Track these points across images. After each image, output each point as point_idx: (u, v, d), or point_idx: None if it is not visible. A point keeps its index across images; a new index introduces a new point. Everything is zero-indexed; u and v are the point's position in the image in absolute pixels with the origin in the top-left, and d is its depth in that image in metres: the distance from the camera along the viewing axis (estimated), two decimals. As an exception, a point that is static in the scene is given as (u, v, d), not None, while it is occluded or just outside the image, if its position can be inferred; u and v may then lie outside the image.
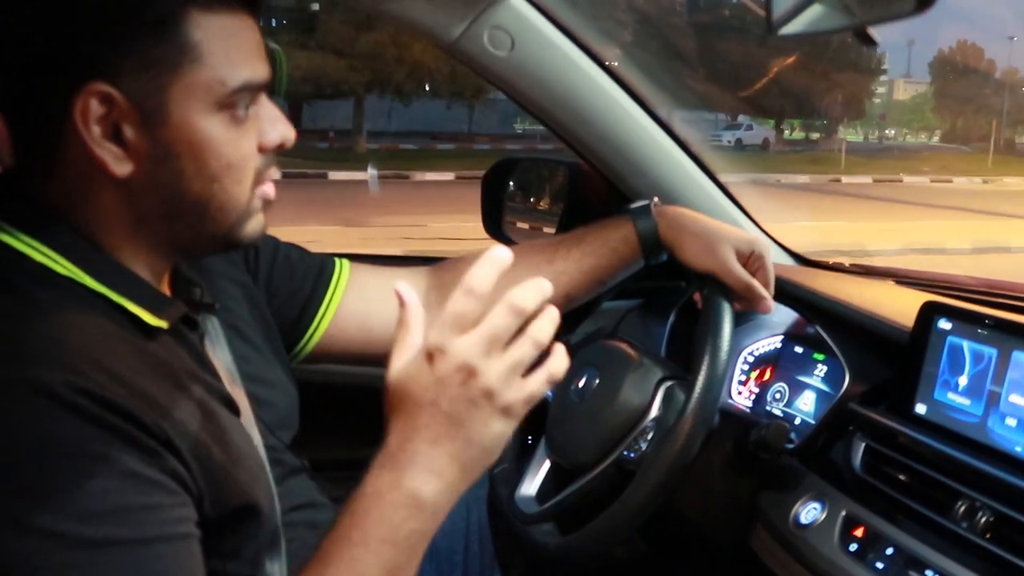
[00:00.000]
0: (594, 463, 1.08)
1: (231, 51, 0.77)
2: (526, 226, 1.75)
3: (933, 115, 55.61)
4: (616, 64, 1.32)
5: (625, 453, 1.07)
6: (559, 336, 1.29)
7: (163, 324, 0.78)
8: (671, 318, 1.46)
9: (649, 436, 1.06)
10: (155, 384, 0.73)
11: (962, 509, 0.89)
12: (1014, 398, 0.91)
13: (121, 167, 0.75)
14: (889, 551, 0.93)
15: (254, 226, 0.85)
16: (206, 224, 0.81)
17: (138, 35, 0.73)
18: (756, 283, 1.10)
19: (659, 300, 1.64)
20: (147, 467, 0.68)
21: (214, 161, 0.78)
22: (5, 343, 0.68)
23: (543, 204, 1.78)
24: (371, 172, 15.91)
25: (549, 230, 1.68)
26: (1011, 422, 0.91)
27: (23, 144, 0.77)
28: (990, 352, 0.94)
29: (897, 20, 0.65)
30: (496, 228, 1.74)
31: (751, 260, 1.11)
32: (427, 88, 23.65)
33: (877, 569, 0.93)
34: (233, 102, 0.78)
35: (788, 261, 1.54)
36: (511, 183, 1.76)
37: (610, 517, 1.02)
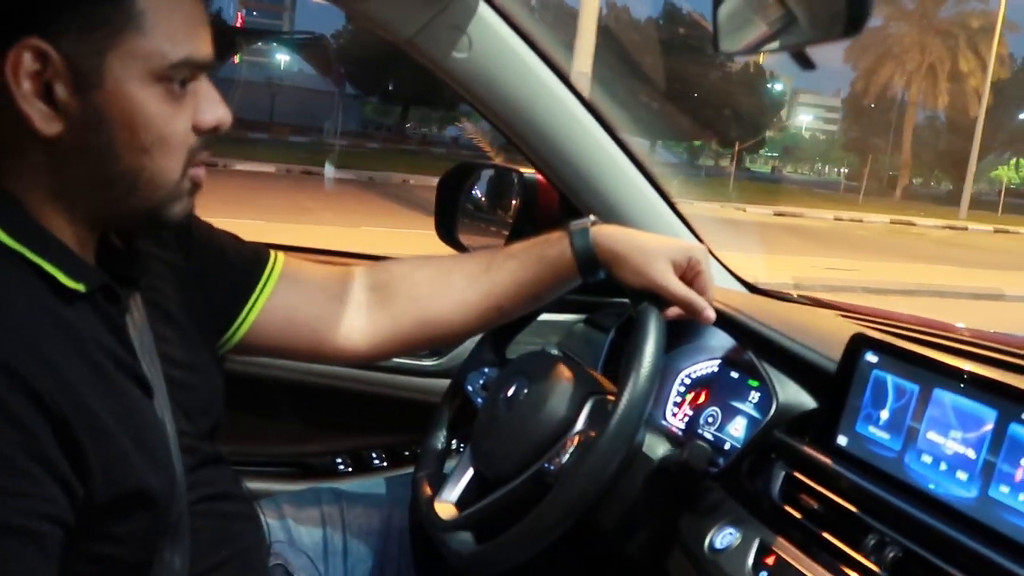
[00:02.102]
0: (515, 474, 1.07)
1: (175, 25, 0.76)
2: (479, 233, 1.74)
3: (843, 152, 56.78)
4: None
5: (545, 466, 1.05)
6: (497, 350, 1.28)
7: (79, 287, 0.76)
8: (611, 334, 1.46)
9: (571, 450, 1.05)
10: (62, 351, 0.71)
11: (872, 543, 0.89)
12: (931, 435, 0.91)
13: (49, 126, 0.74)
14: (797, 581, 0.92)
15: (181, 208, 0.84)
16: (133, 198, 0.79)
17: None
18: (694, 295, 1.08)
19: (603, 315, 1.64)
20: (17, 451, 0.66)
21: (145, 133, 0.77)
22: None
23: (497, 212, 1.77)
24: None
25: (500, 239, 1.68)
26: (927, 459, 0.90)
27: None
28: (912, 388, 0.93)
29: (830, 42, 0.66)
30: (449, 233, 1.73)
31: (689, 268, 1.09)
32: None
33: (784, 599, 0.92)
34: (171, 76, 0.77)
35: (737, 287, 1.54)
36: (467, 189, 1.75)
37: (524, 529, 1.00)
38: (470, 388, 1.26)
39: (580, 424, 1.06)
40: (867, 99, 44.49)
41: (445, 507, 1.13)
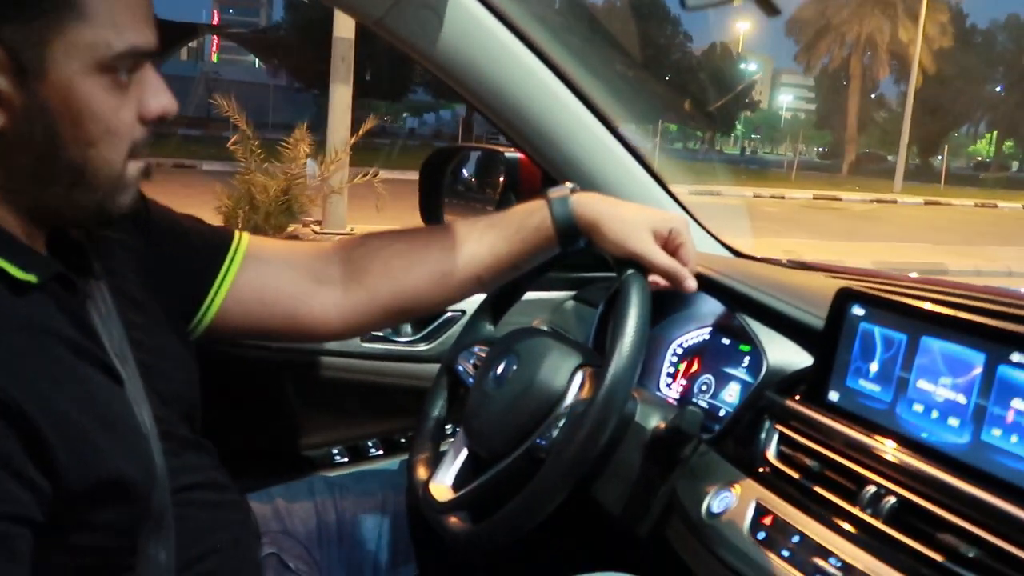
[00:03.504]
0: (508, 451, 1.06)
1: (118, 13, 0.75)
2: (466, 214, 1.73)
3: (816, 132, 56.71)
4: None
5: (538, 441, 1.04)
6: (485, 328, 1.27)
7: (31, 279, 0.75)
8: (600, 308, 1.45)
9: (561, 423, 1.04)
10: (17, 347, 0.70)
11: (868, 495, 0.88)
12: (922, 384, 0.90)
13: None
14: (795, 539, 0.91)
15: (126, 198, 0.83)
16: (78, 190, 0.78)
17: None
18: (676, 264, 1.06)
19: (592, 291, 1.63)
20: None
21: (91, 124, 0.76)
22: None
23: (486, 191, 1.76)
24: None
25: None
26: (918, 408, 0.90)
27: None
28: (900, 338, 0.93)
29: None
30: (434, 216, 1.72)
31: (670, 239, 1.08)
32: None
33: (784, 557, 0.91)
34: (115, 66, 0.75)
35: (723, 253, 1.53)
36: (450, 171, 1.74)
37: (519, 505, 0.99)
38: (461, 369, 1.25)
39: (570, 396, 1.05)
40: (811, 73, 44.19)
41: (441, 489, 1.12)
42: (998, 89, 44.57)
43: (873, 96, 50.05)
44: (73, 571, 0.77)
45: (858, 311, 0.98)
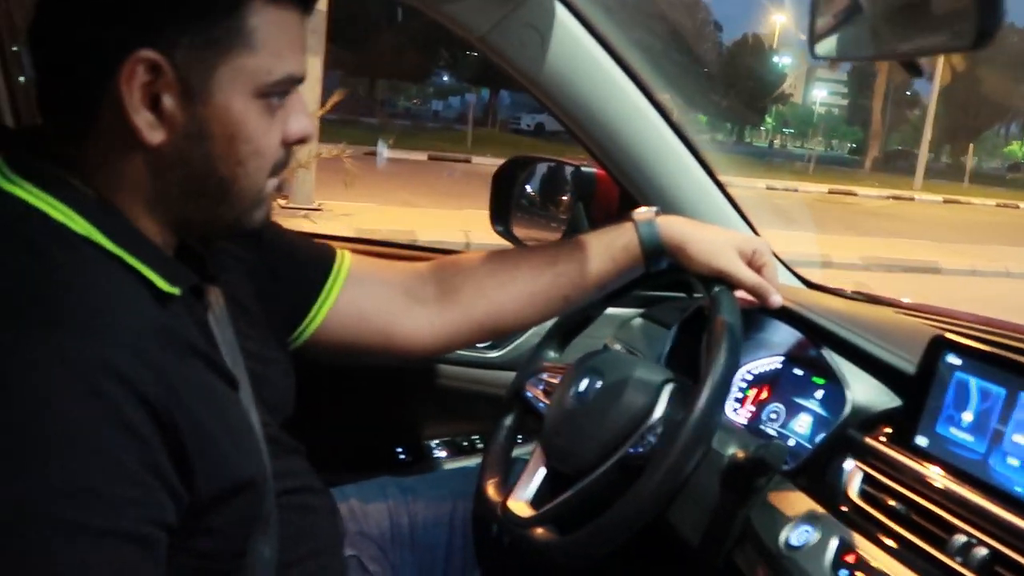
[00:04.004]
0: (597, 464, 1.08)
1: (281, 43, 0.78)
2: (534, 226, 1.75)
3: (847, 128, 56.08)
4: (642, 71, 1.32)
5: (631, 451, 1.06)
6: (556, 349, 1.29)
7: (175, 291, 0.78)
8: (674, 329, 1.47)
9: (659, 431, 1.06)
10: (166, 356, 0.72)
11: (958, 544, 0.89)
12: (1018, 438, 0.91)
13: (153, 135, 0.75)
14: (880, 580, 0.93)
15: (262, 214, 0.86)
16: (221, 206, 0.82)
17: (200, 12, 0.74)
18: (762, 280, 1.14)
19: (662, 310, 1.64)
20: (133, 459, 0.67)
21: (243, 145, 0.79)
22: (30, 304, 0.67)
23: (549, 208, 1.78)
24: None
25: (556, 233, 1.69)
26: (1013, 462, 0.91)
27: (60, 101, 0.76)
28: (998, 391, 0.94)
29: (949, 52, 0.66)
30: (504, 225, 1.74)
31: (754, 259, 1.15)
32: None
33: (866, 597, 0.93)
34: (272, 92, 0.79)
35: (794, 282, 1.55)
36: (523, 181, 1.76)
37: (620, 511, 1.00)
38: (530, 395, 1.27)
39: (660, 409, 1.07)
40: (836, 68, 43.77)
41: (520, 506, 1.14)
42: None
43: (908, 93, 49.63)
44: (189, 572, 0.80)
45: (954, 360, 0.99)
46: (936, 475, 0.96)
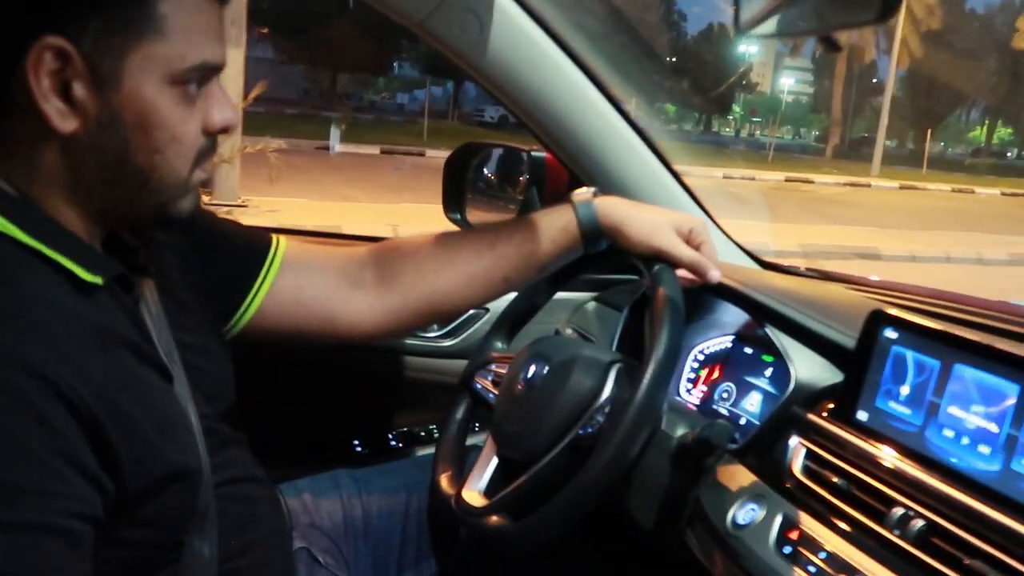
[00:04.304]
0: (548, 448, 1.08)
1: (194, 29, 0.77)
2: (489, 210, 1.74)
3: (814, 116, 56.52)
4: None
5: (580, 432, 1.06)
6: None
7: (97, 280, 0.77)
8: (625, 312, 1.47)
9: (606, 410, 1.06)
10: (86, 348, 0.72)
11: (896, 516, 0.90)
12: (953, 410, 0.92)
13: (65, 123, 0.74)
14: (822, 555, 0.94)
15: (188, 204, 0.85)
16: (143, 195, 0.81)
17: None
18: (700, 256, 1.15)
19: (613, 293, 1.64)
20: (49, 452, 0.66)
21: (159, 133, 0.78)
22: None
23: (507, 190, 1.77)
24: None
25: (510, 216, 1.68)
26: (948, 433, 0.92)
27: None
28: (933, 364, 0.95)
29: (860, 26, 0.66)
30: (457, 211, 1.73)
31: (691, 238, 1.15)
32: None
33: (810, 572, 0.93)
34: (187, 79, 0.78)
35: (746, 262, 1.55)
36: (477, 167, 1.75)
37: (570, 493, 1.00)
38: (479, 386, 1.27)
39: (608, 390, 1.07)
40: (796, 55, 43.87)
41: (474, 495, 1.14)
42: (992, 75, 44.26)
43: (875, 80, 49.92)
44: (121, 565, 0.79)
45: (891, 334, 1.00)
46: (876, 450, 0.97)
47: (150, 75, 0.76)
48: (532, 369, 1.14)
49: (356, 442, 1.63)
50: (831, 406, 1.06)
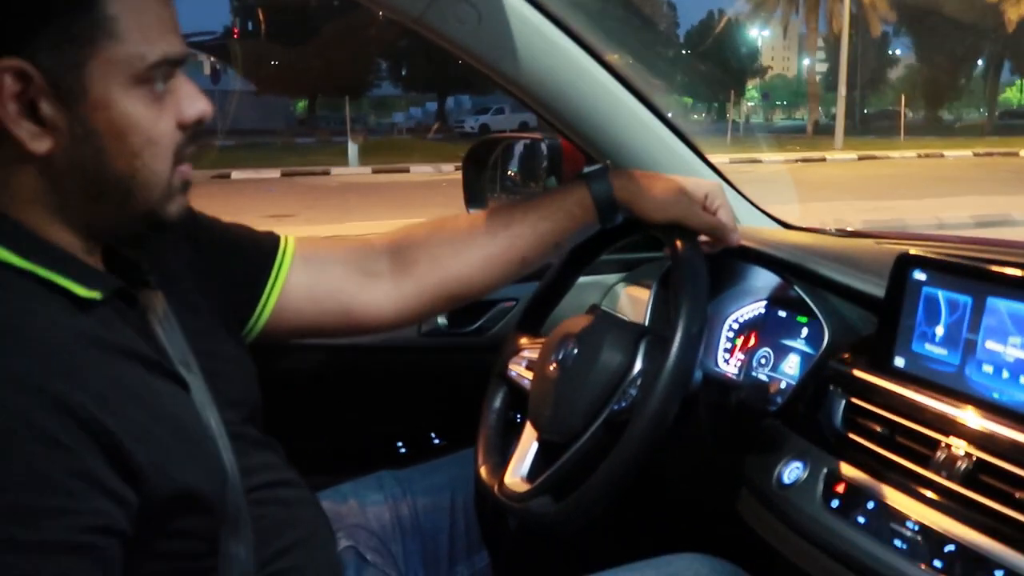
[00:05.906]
0: (586, 427, 1.07)
1: (147, 25, 0.77)
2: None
3: (828, 94, 55.40)
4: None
5: (614, 407, 1.05)
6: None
7: (95, 295, 0.77)
8: (654, 287, 1.46)
9: (638, 383, 1.05)
10: (89, 364, 0.71)
11: (942, 458, 0.88)
12: (990, 344, 0.90)
13: (39, 144, 0.74)
14: (870, 505, 0.92)
15: (176, 206, 0.85)
16: (129, 202, 0.80)
17: (54, 11, 0.72)
18: (718, 220, 1.12)
19: (642, 272, 1.63)
20: (55, 470, 0.66)
21: (134, 137, 0.78)
22: None
23: (526, 181, 1.77)
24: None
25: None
26: (988, 369, 0.90)
27: None
28: (964, 300, 0.92)
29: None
30: (480, 205, 1.74)
31: (707, 203, 1.13)
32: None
33: (859, 524, 0.92)
34: (151, 77, 0.77)
35: (769, 224, 1.53)
36: (492, 162, 1.76)
37: (610, 468, 0.99)
38: (514, 374, 1.26)
39: (639, 363, 1.06)
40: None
41: (516, 482, 1.14)
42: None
43: (891, 53, 49.01)
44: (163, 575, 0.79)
45: (920, 276, 0.98)
46: (915, 394, 0.95)
47: (113, 80, 0.75)
48: (563, 351, 1.14)
49: (399, 443, 1.64)
50: (867, 357, 1.04)
